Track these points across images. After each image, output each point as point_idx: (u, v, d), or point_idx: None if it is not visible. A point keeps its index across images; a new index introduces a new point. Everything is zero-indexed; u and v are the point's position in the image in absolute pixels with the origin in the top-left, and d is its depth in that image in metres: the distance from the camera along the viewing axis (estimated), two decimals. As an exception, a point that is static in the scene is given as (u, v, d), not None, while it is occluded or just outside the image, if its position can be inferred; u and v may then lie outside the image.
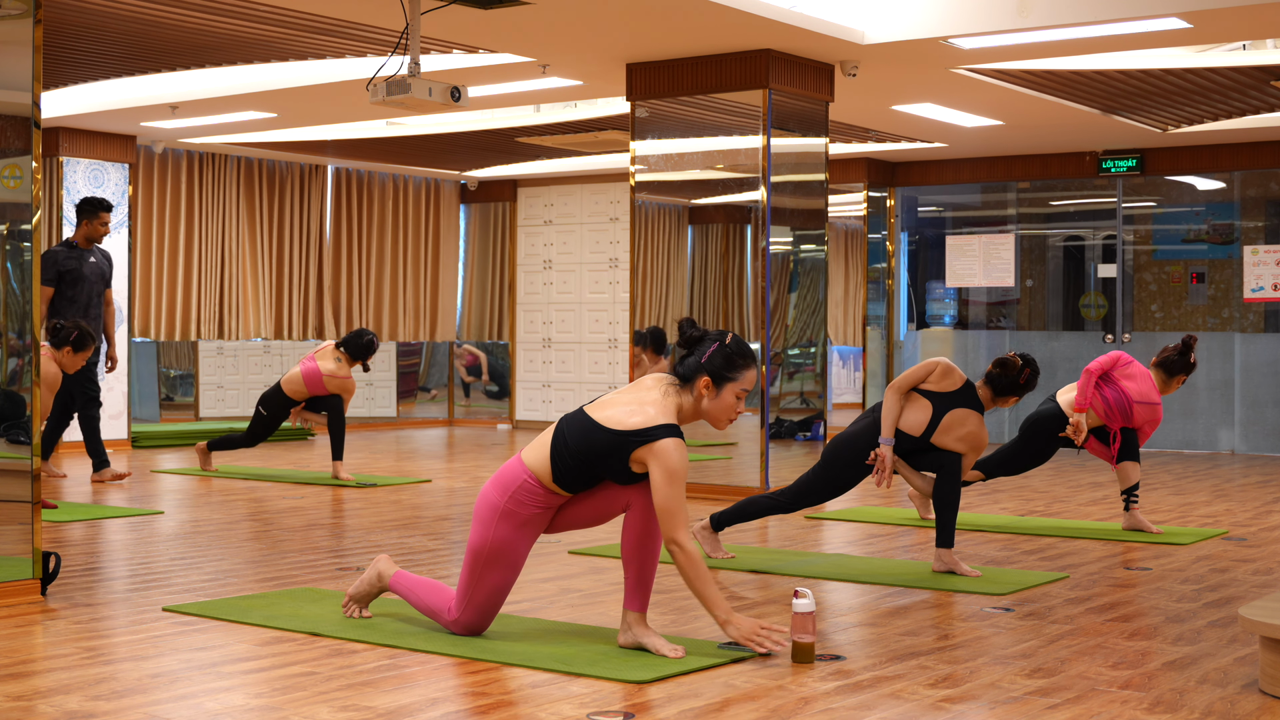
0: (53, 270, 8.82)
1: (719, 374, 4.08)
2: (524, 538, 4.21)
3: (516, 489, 4.15)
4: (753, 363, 4.13)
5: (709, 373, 4.08)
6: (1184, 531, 6.98)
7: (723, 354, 4.09)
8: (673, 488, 3.97)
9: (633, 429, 4.01)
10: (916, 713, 3.55)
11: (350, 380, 9.30)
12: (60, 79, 9.70)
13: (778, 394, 8.59)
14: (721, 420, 4.11)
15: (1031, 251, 13.81)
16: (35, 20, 4.98)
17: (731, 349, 4.10)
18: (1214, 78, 9.22)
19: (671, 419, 4.05)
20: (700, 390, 4.08)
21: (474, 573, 4.22)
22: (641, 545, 4.12)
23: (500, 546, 4.18)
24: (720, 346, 4.10)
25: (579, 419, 4.11)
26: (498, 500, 4.17)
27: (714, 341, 4.11)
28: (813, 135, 8.73)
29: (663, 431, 4.00)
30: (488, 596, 4.24)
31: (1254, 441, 12.10)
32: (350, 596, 4.62)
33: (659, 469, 3.97)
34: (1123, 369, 6.92)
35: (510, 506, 4.16)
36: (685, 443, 4.03)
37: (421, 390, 14.92)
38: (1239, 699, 3.69)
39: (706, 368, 4.08)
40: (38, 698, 3.60)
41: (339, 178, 14.11)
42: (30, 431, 4.99)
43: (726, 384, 4.08)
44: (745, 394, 4.11)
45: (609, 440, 4.03)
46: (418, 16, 7.02)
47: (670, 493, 3.97)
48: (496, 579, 4.21)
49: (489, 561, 4.19)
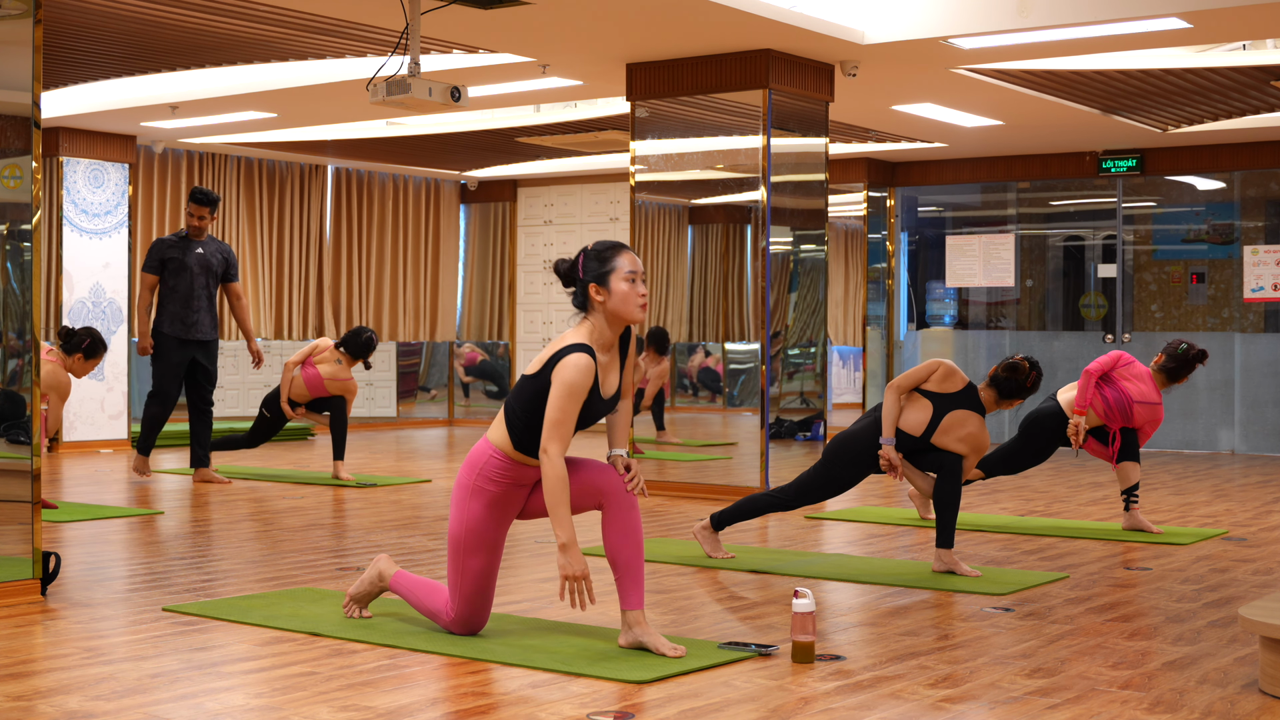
0: (156, 258, 8.86)
1: (597, 274, 4.16)
2: (497, 517, 4.23)
3: (484, 465, 4.21)
4: (620, 248, 4.20)
5: (590, 279, 4.17)
6: (1184, 531, 6.98)
7: (591, 257, 4.20)
8: (559, 399, 4.03)
9: (545, 360, 4.13)
10: (916, 713, 3.55)
11: (352, 381, 9.30)
12: (60, 79, 9.70)
13: (778, 394, 8.59)
14: (630, 309, 4.16)
15: (1031, 251, 13.81)
16: (35, 20, 4.98)
17: (593, 249, 4.21)
18: (1214, 78, 9.22)
19: (581, 339, 4.14)
20: (594, 299, 4.17)
21: (456, 562, 4.25)
22: (623, 542, 4.12)
23: (475, 528, 4.21)
24: (584, 254, 4.22)
25: (517, 384, 4.23)
26: (467, 479, 4.23)
27: (579, 255, 4.24)
28: (813, 135, 8.73)
29: (568, 350, 4.10)
30: (474, 585, 4.25)
31: (1254, 441, 12.10)
32: (350, 597, 4.62)
33: (557, 381, 4.06)
34: (1123, 369, 6.92)
35: (479, 483, 4.21)
36: (591, 360, 4.08)
37: (421, 390, 14.92)
38: (1239, 699, 3.69)
39: (584, 278, 4.18)
40: (38, 698, 3.60)
41: (339, 178, 14.11)
42: (30, 431, 4.99)
43: (609, 277, 4.15)
44: (635, 275, 4.17)
45: (532, 384, 4.13)
46: (418, 16, 7.02)
47: (555, 402, 4.03)
48: (478, 564, 4.24)
49: (467, 547, 4.22)
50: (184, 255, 8.82)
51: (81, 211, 11.44)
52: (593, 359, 4.08)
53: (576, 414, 4.06)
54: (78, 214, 11.41)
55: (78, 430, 11.39)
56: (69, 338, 7.60)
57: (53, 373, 7.30)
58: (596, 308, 4.16)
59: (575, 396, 4.03)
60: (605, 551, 4.16)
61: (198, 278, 8.84)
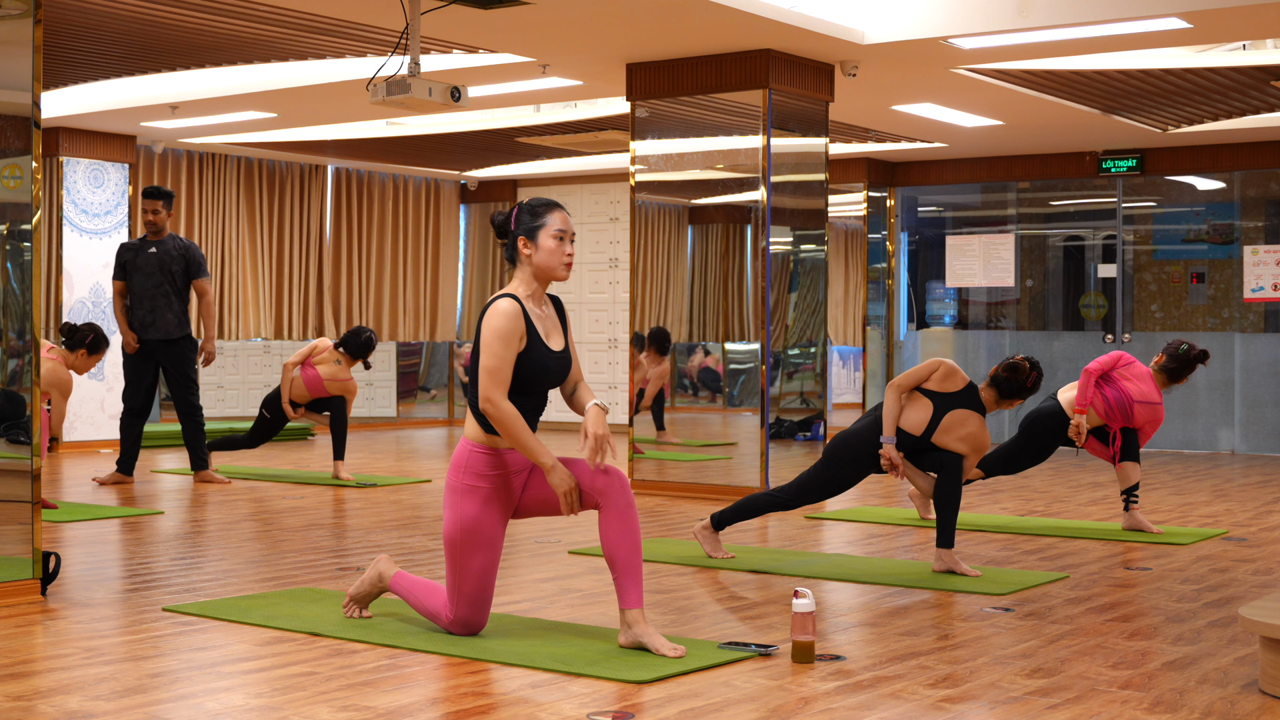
0: (118, 263, 8.89)
1: (527, 228, 4.21)
2: (491, 513, 4.22)
3: (466, 461, 4.22)
4: (553, 206, 4.23)
5: (520, 233, 4.22)
6: (1184, 531, 6.98)
7: (523, 211, 4.24)
8: (493, 343, 4.08)
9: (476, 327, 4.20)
10: (916, 713, 3.55)
11: (351, 381, 9.30)
12: (60, 79, 9.70)
13: (778, 394, 8.59)
14: (556, 267, 4.21)
15: (1031, 251, 13.81)
16: (35, 20, 4.98)
17: (527, 205, 4.24)
18: (1214, 78, 9.22)
19: (507, 291, 4.20)
20: (522, 252, 4.22)
21: (454, 563, 4.24)
22: (620, 541, 4.11)
23: (469, 526, 4.19)
24: (517, 208, 4.26)
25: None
26: (455, 480, 4.24)
27: (514, 209, 4.27)
28: (813, 135, 8.73)
29: (494, 300, 4.16)
30: (474, 584, 4.24)
31: (1254, 441, 12.10)
32: (350, 597, 4.62)
33: (483, 331, 4.12)
34: (1123, 369, 6.92)
35: (468, 481, 4.21)
36: (517, 305, 4.13)
37: (421, 390, 14.93)
38: (1239, 699, 3.69)
39: (516, 231, 4.23)
40: (38, 698, 3.60)
41: (339, 178, 14.11)
42: (30, 431, 4.99)
43: (538, 233, 4.19)
44: (564, 234, 4.21)
45: (474, 348, 4.18)
46: (418, 16, 7.02)
47: (490, 349, 4.08)
48: (477, 563, 4.22)
49: (463, 545, 4.20)
50: (137, 256, 8.81)
51: (81, 211, 11.44)
52: (519, 305, 4.14)
53: (511, 360, 4.09)
54: (78, 214, 11.41)
55: (78, 430, 11.39)
56: (72, 334, 7.60)
57: (54, 370, 7.30)
58: (524, 261, 4.22)
59: (505, 339, 4.08)
60: (603, 551, 4.15)
61: (151, 277, 8.78)
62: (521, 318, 4.12)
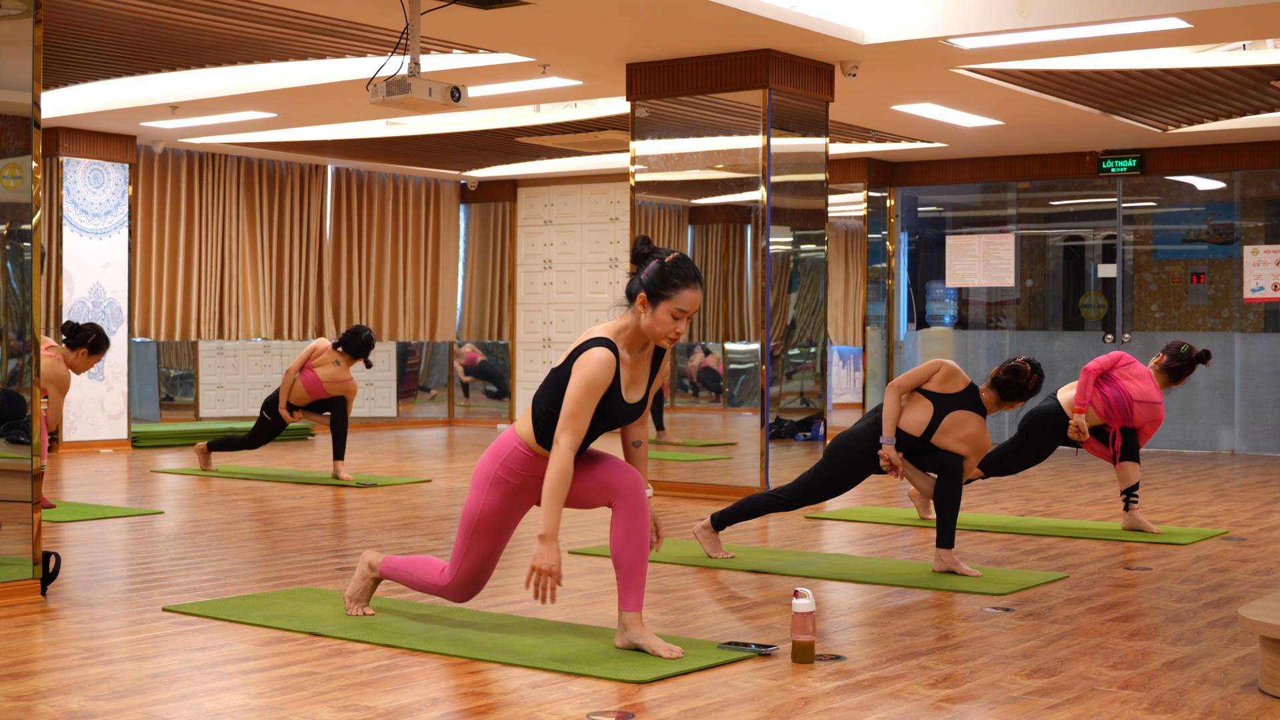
0: None
1: (654, 291, 4.03)
2: (515, 508, 4.27)
3: (508, 456, 4.21)
4: (691, 282, 4.03)
5: (645, 289, 4.05)
6: (1184, 531, 6.98)
7: (660, 272, 4.04)
8: (576, 390, 3.97)
9: (568, 355, 4.08)
10: (916, 713, 3.55)
11: (352, 382, 9.30)
12: (60, 79, 9.70)
13: (778, 394, 8.59)
14: (660, 338, 4.08)
15: (1031, 251, 13.81)
16: (35, 20, 4.98)
17: (669, 267, 4.03)
18: (1214, 78, 9.22)
19: (608, 335, 4.07)
20: (638, 306, 4.07)
21: (465, 540, 4.30)
22: (628, 543, 4.10)
23: (491, 515, 4.24)
24: (659, 264, 4.05)
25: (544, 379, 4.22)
26: (490, 467, 4.24)
27: (655, 258, 4.07)
28: (813, 135, 8.73)
29: (591, 344, 4.04)
30: (476, 564, 4.31)
31: (1254, 441, 12.10)
32: (349, 597, 4.63)
33: (575, 372, 4.00)
34: (1123, 369, 6.92)
35: (501, 474, 4.22)
36: (613, 356, 4.01)
37: (421, 390, 14.92)
38: (1239, 699, 3.69)
39: (644, 284, 4.05)
40: (38, 698, 3.60)
41: (339, 178, 14.11)
42: (30, 431, 4.99)
43: (661, 302, 4.03)
44: (684, 314, 4.05)
45: (556, 376, 4.10)
46: (418, 16, 7.02)
47: (577, 396, 3.96)
48: (485, 548, 4.29)
49: (479, 530, 4.26)
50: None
51: (81, 211, 11.44)
52: (615, 356, 4.02)
53: (592, 408, 4.00)
54: (78, 214, 11.41)
55: (78, 430, 11.39)
56: (74, 332, 7.60)
57: (52, 366, 7.29)
58: (636, 314, 4.07)
59: (592, 390, 3.97)
60: (610, 550, 4.15)
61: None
62: (614, 370, 4.01)
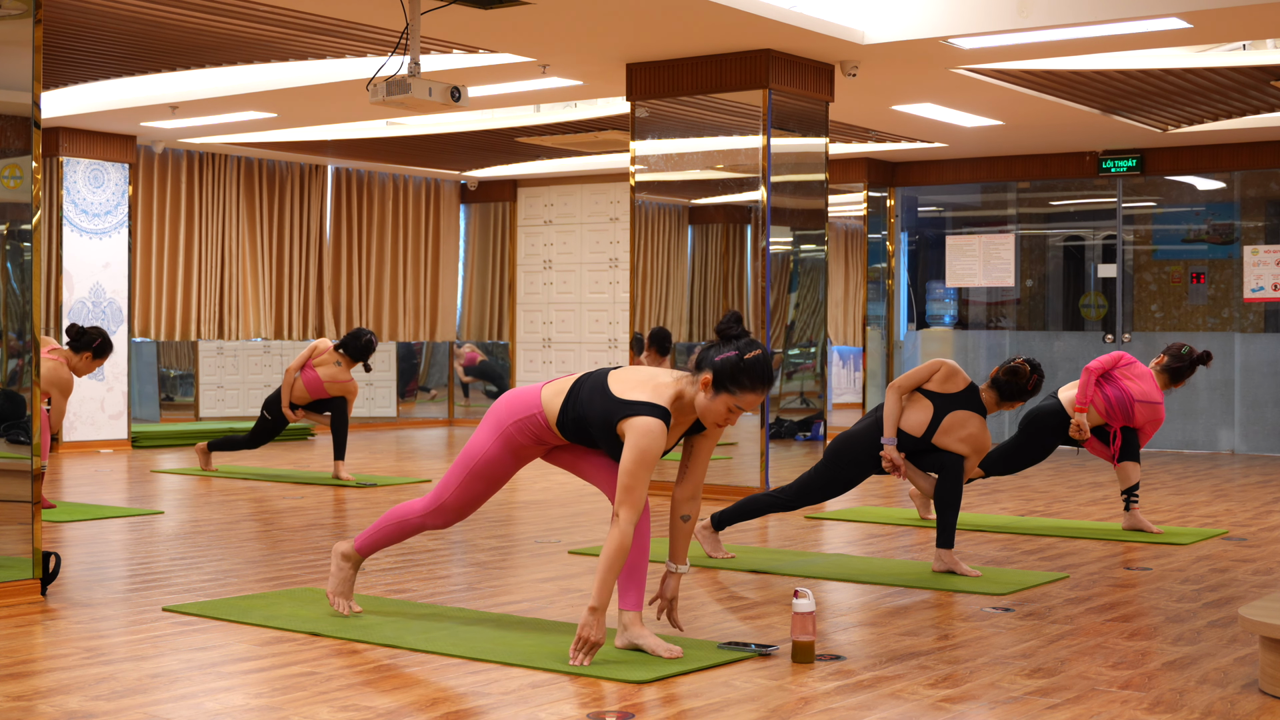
0: None
1: (721, 380, 3.98)
2: (515, 463, 4.34)
3: (524, 418, 4.24)
4: (760, 386, 3.96)
5: (714, 372, 3.99)
6: (1184, 531, 6.98)
7: (733, 364, 3.96)
8: (633, 465, 3.92)
9: (625, 399, 4.02)
10: (916, 713, 3.55)
11: (352, 383, 9.30)
12: (60, 79, 9.69)
13: (778, 394, 8.59)
14: (710, 423, 4.05)
15: (1031, 251, 13.81)
16: (35, 20, 4.98)
17: (744, 365, 3.95)
18: (1214, 78, 9.22)
19: (663, 402, 4.01)
20: (700, 384, 4.01)
21: (460, 475, 4.35)
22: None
23: (491, 462, 4.31)
24: (737, 357, 3.97)
25: (598, 379, 4.15)
26: (505, 419, 4.27)
27: (734, 349, 3.99)
28: (813, 135, 8.73)
29: (646, 409, 3.98)
30: (465, 500, 4.39)
31: (1254, 441, 12.10)
32: (331, 592, 4.62)
33: (629, 443, 3.95)
34: (1124, 369, 6.92)
35: (512, 430, 4.26)
36: (665, 427, 3.96)
37: (421, 390, 14.92)
38: (1239, 699, 3.69)
39: (714, 367, 3.99)
40: (38, 698, 3.60)
41: (339, 178, 14.11)
42: (30, 431, 4.99)
43: (724, 394, 3.98)
44: (740, 410, 3.99)
45: (605, 406, 4.06)
46: (418, 16, 7.02)
47: (633, 470, 3.92)
48: (478, 489, 4.37)
49: (475, 473, 4.32)
50: None
51: (81, 211, 11.44)
52: (666, 424, 3.98)
53: (649, 479, 3.96)
54: (78, 214, 11.41)
55: (78, 430, 11.39)
56: (79, 336, 7.59)
57: (55, 370, 7.30)
58: (696, 390, 4.01)
59: (647, 463, 3.93)
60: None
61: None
62: (665, 437, 3.99)
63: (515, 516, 7.47)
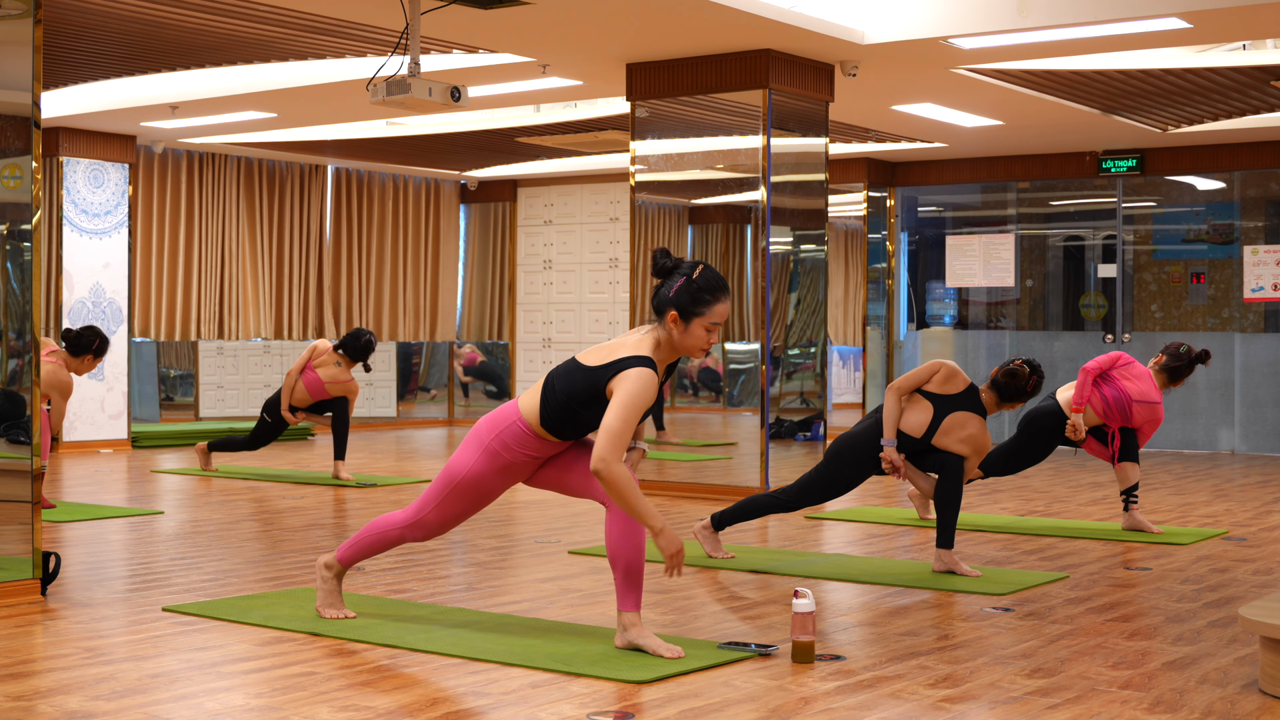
0: None
1: (685, 309, 4.01)
2: (501, 481, 4.27)
3: (505, 429, 4.20)
4: (721, 295, 4.02)
5: (675, 307, 4.02)
6: (1184, 531, 6.98)
7: (689, 290, 4.00)
8: (625, 410, 3.92)
9: (608, 363, 4.03)
10: (916, 713, 3.55)
11: (353, 382, 9.30)
12: (60, 79, 9.70)
13: (778, 394, 8.59)
14: (695, 351, 4.07)
15: (1031, 251, 13.81)
16: (35, 20, 4.98)
17: (698, 284, 4.00)
18: (1214, 78, 9.22)
19: (646, 352, 4.03)
20: (669, 324, 4.04)
21: (441, 494, 4.30)
22: (624, 541, 4.09)
23: (475, 482, 4.25)
24: (687, 282, 4.01)
25: (568, 364, 4.16)
26: (486, 436, 4.23)
27: (682, 275, 4.04)
28: (813, 135, 8.73)
29: (633, 362, 3.99)
30: (446, 519, 4.35)
31: (1254, 441, 12.10)
32: (320, 607, 4.60)
33: (619, 391, 3.95)
34: (1123, 369, 6.92)
35: (495, 446, 4.21)
36: (655, 375, 3.99)
37: (421, 390, 14.92)
38: (1239, 699, 3.69)
39: (673, 301, 4.03)
40: (38, 698, 3.60)
41: (339, 178, 14.11)
42: (30, 431, 4.99)
43: (694, 318, 4.02)
44: (716, 327, 4.05)
45: (587, 378, 4.05)
46: (418, 16, 7.02)
47: (620, 414, 3.92)
48: (459, 509, 4.32)
49: (459, 492, 4.28)
50: None
51: (81, 211, 11.44)
52: (656, 373, 4.01)
53: (636, 426, 4.00)
54: (78, 214, 11.41)
55: (78, 430, 11.39)
56: (76, 340, 7.59)
57: (54, 372, 7.31)
58: (668, 331, 4.05)
59: (639, 409, 3.95)
60: (607, 551, 4.14)
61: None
62: (658, 387, 4.02)
63: (515, 516, 7.47)
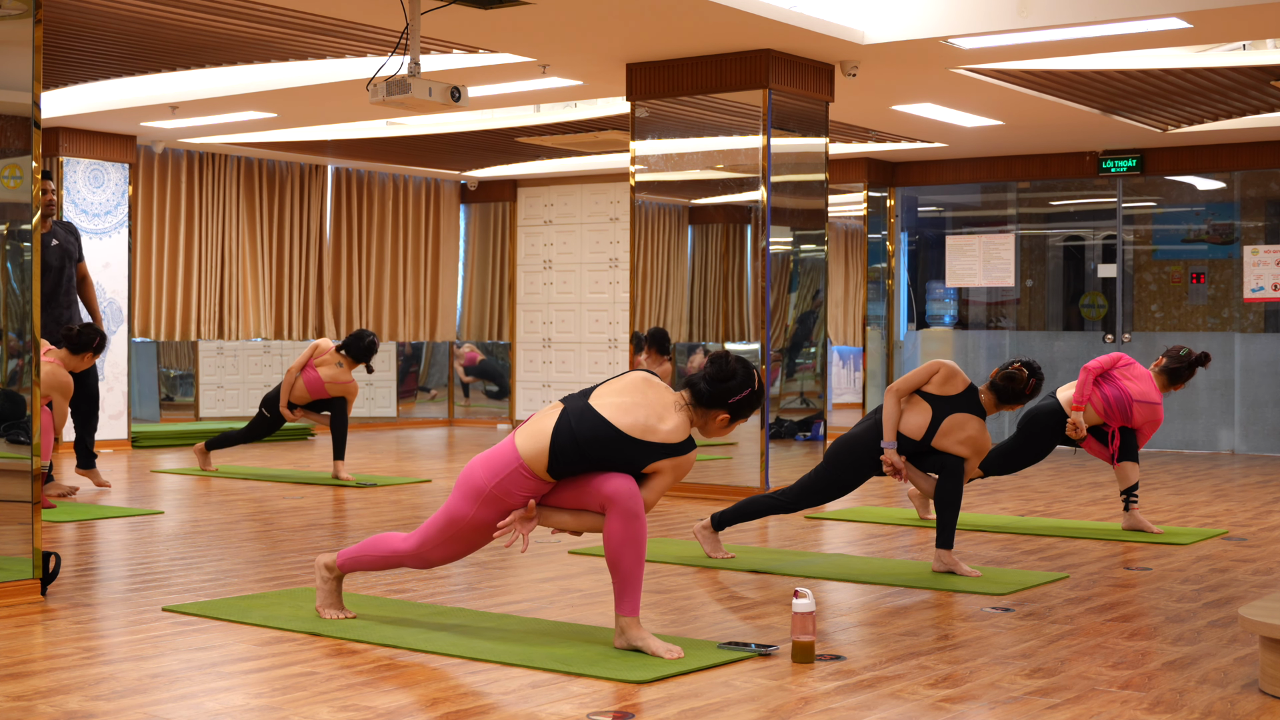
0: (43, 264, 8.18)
1: (736, 413, 4.25)
2: (501, 518, 4.26)
3: (506, 476, 4.15)
4: (756, 407, 4.34)
5: (730, 410, 4.23)
6: (1184, 531, 6.98)
7: (750, 401, 4.25)
8: (668, 488, 4.24)
9: (663, 442, 4.12)
10: (916, 713, 3.55)
11: (353, 383, 9.30)
12: (60, 79, 9.69)
13: (778, 394, 8.59)
14: (711, 436, 4.35)
15: (1031, 251, 13.81)
16: (35, 20, 4.98)
17: (753, 401, 4.28)
18: (1214, 78, 9.22)
19: (684, 436, 4.20)
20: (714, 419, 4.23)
21: (443, 535, 4.29)
22: (624, 547, 4.09)
23: (480, 526, 4.24)
24: (752, 394, 4.25)
25: (590, 417, 4.09)
26: (485, 484, 4.17)
27: (745, 388, 4.23)
28: (813, 135, 8.73)
29: (684, 448, 4.18)
30: (446, 559, 4.38)
31: (1254, 441, 12.10)
32: (320, 607, 4.59)
33: (670, 473, 4.18)
34: (1123, 369, 6.92)
35: (496, 493, 4.17)
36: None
37: (421, 390, 14.92)
38: (1239, 699, 3.69)
39: (729, 407, 4.22)
40: (38, 698, 3.60)
41: (339, 178, 14.11)
42: (30, 431, 4.99)
43: (737, 421, 4.28)
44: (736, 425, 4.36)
45: (624, 449, 4.10)
46: (418, 16, 7.02)
47: (663, 491, 4.23)
48: (462, 549, 4.34)
49: (462, 535, 4.27)
50: (45, 252, 7.91)
51: (81, 211, 11.43)
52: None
53: None
54: (78, 214, 11.41)
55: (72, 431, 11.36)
56: (76, 340, 7.59)
57: (54, 373, 7.32)
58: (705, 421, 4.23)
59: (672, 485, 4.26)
60: (606, 555, 4.14)
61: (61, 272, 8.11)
62: None
63: (515, 516, 7.46)
